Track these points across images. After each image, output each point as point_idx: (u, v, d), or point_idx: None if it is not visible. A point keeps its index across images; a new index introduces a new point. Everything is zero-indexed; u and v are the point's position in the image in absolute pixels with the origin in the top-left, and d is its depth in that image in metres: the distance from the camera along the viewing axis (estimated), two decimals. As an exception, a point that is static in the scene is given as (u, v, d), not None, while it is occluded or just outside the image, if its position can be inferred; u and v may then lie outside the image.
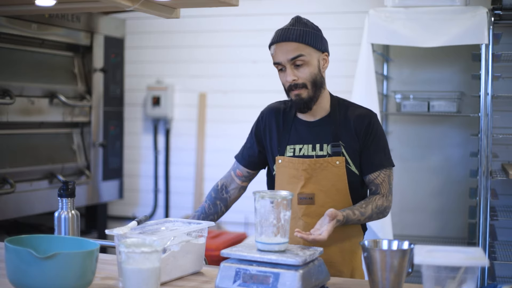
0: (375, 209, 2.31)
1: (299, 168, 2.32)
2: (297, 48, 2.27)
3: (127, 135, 5.01)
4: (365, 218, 2.29)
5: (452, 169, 4.34)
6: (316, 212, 2.30)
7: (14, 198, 3.76)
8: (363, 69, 3.81)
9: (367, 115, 2.35)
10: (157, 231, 2.05)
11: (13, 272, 1.73)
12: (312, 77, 2.30)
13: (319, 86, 2.32)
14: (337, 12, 4.55)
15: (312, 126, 2.38)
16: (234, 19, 4.79)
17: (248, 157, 2.51)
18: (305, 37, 2.28)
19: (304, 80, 2.29)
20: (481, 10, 3.67)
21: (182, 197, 4.98)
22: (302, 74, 2.28)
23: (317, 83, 2.31)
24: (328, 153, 2.33)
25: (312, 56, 2.29)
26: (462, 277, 1.57)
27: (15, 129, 3.90)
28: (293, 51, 2.27)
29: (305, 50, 2.28)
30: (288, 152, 2.37)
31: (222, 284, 1.89)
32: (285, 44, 2.28)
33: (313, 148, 2.35)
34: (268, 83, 4.69)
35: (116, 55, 4.67)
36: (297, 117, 2.41)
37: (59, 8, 3.07)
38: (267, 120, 2.46)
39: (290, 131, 2.39)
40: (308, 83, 2.29)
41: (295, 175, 2.33)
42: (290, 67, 2.28)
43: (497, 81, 3.83)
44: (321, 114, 2.38)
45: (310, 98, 2.31)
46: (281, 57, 2.29)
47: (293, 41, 2.27)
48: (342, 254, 2.33)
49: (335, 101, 2.41)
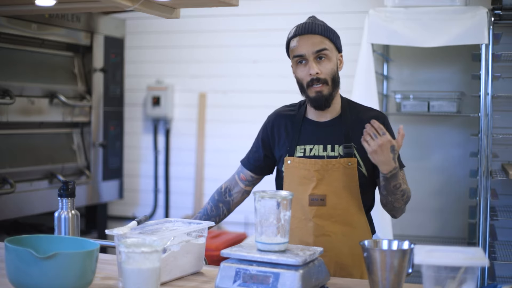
0: (407, 189, 2.28)
1: (311, 169, 2.30)
2: (322, 41, 2.29)
3: (127, 135, 5.01)
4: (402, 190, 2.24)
5: (452, 169, 4.34)
6: (328, 214, 2.29)
7: (14, 198, 3.76)
8: (363, 69, 3.81)
9: (380, 117, 2.34)
10: (157, 231, 2.04)
11: (13, 272, 1.73)
12: (333, 73, 2.30)
13: (337, 85, 2.33)
14: (337, 12, 4.55)
15: (323, 126, 2.37)
16: (234, 19, 4.79)
17: (254, 162, 2.51)
18: (329, 32, 2.32)
19: (326, 76, 2.29)
20: (481, 10, 3.67)
21: (182, 197, 4.98)
22: (325, 69, 2.29)
23: (336, 81, 2.32)
24: (339, 154, 2.31)
25: (333, 52, 2.32)
26: (462, 277, 1.57)
27: (15, 129, 3.90)
28: (318, 43, 2.28)
29: (328, 45, 2.30)
30: (298, 152, 2.35)
31: (222, 284, 1.89)
32: (311, 37, 2.29)
33: (324, 148, 2.33)
34: (268, 83, 4.69)
35: (116, 55, 4.67)
36: (307, 117, 2.40)
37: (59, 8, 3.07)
38: (275, 124, 2.44)
39: (300, 132, 2.38)
40: (329, 79, 2.29)
41: (306, 176, 2.31)
42: (313, 60, 2.28)
43: (497, 81, 3.83)
44: (332, 115, 2.37)
45: (330, 95, 2.30)
46: (306, 49, 2.28)
47: (318, 34, 2.29)
48: (352, 257, 2.31)
49: (345, 102, 2.41)
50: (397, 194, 2.25)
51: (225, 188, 2.55)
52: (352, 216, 2.31)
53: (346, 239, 2.30)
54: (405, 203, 2.31)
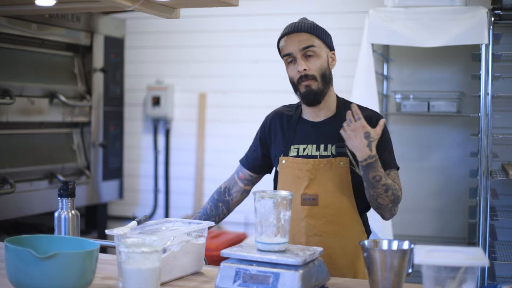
0: (393, 186, 2.24)
1: (303, 169, 2.31)
2: (308, 38, 2.31)
3: (127, 135, 5.01)
4: (385, 184, 2.21)
5: (452, 169, 4.34)
6: (320, 213, 2.29)
7: (14, 198, 3.76)
8: (363, 69, 3.81)
9: (374, 116, 2.34)
10: (157, 231, 2.04)
11: (13, 272, 1.73)
12: (322, 70, 2.31)
13: (328, 81, 2.34)
14: (337, 12, 4.55)
15: (318, 126, 2.37)
16: (234, 19, 4.79)
17: (252, 160, 2.51)
18: (316, 30, 2.34)
19: (314, 72, 2.30)
20: (481, 10, 3.67)
21: (182, 197, 4.98)
22: (313, 65, 2.30)
23: (326, 77, 2.33)
24: (332, 154, 2.32)
25: (321, 49, 2.33)
26: (462, 277, 1.57)
27: (15, 129, 3.90)
28: (304, 41, 2.30)
29: (316, 42, 2.32)
30: (292, 152, 2.36)
31: (222, 284, 1.89)
32: (297, 35, 2.32)
33: (317, 148, 2.34)
34: (268, 83, 4.69)
35: (116, 55, 4.67)
36: (302, 117, 2.41)
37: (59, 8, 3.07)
38: (272, 123, 2.46)
39: (295, 132, 2.39)
40: (318, 75, 2.30)
41: (298, 176, 2.32)
42: (301, 57, 2.30)
43: (497, 81, 3.83)
44: (326, 114, 2.38)
45: (319, 90, 2.31)
46: (292, 47, 2.31)
47: (305, 32, 2.32)
48: (345, 258, 2.30)
49: (341, 102, 2.41)
50: (378, 187, 2.21)
51: (224, 188, 2.56)
52: (345, 216, 2.30)
53: (338, 239, 2.29)
54: (391, 201, 2.25)
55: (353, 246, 2.30)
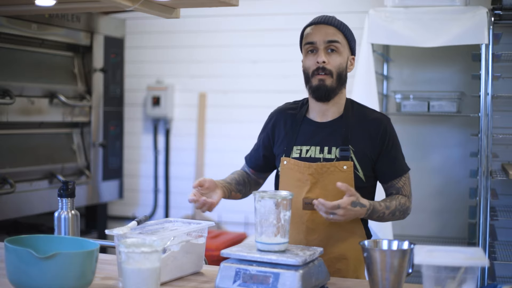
0: (399, 206, 2.26)
1: (305, 172, 2.27)
2: (335, 33, 2.30)
3: (127, 135, 5.01)
4: (390, 213, 2.23)
5: (452, 169, 4.34)
6: (321, 218, 2.25)
7: (14, 198, 3.76)
8: (363, 69, 3.81)
9: (383, 120, 2.33)
10: (157, 231, 2.05)
11: (13, 272, 1.73)
12: (340, 68, 2.29)
13: (342, 82, 2.31)
14: (337, 12, 4.51)
15: (323, 127, 2.33)
16: (234, 19, 4.79)
17: (255, 160, 2.50)
18: (345, 28, 2.33)
19: (332, 67, 2.27)
20: (481, 10, 3.67)
21: (182, 197, 4.98)
22: (333, 60, 2.28)
23: (342, 77, 2.30)
24: (336, 157, 2.27)
25: (345, 48, 2.32)
26: (462, 277, 1.57)
27: (15, 129, 3.90)
28: (331, 34, 2.29)
29: (341, 39, 2.31)
30: (294, 153, 2.32)
31: (222, 284, 1.89)
32: (325, 27, 2.31)
33: (321, 150, 2.29)
34: (268, 83, 4.69)
35: (116, 55, 4.67)
36: (307, 117, 2.37)
37: (59, 8, 3.07)
38: (276, 121, 2.42)
39: (298, 132, 2.34)
40: (335, 72, 2.28)
41: (300, 179, 2.28)
42: (323, 49, 2.28)
43: (497, 81, 3.83)
44: (333, 115, 2.33)
45: (332, 88, 2.28)
46: (318, 37, 2.29)
47: (334, 26, 2.31)
48: (346, 262, 2.28)
49: (349, 103, 2.37)
50: (384, 218, 2.26)
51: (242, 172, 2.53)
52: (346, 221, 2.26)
53: (339, 243, 2.27)
54: (400, 217, 2.30)
55: (355, 251, 2.27)
